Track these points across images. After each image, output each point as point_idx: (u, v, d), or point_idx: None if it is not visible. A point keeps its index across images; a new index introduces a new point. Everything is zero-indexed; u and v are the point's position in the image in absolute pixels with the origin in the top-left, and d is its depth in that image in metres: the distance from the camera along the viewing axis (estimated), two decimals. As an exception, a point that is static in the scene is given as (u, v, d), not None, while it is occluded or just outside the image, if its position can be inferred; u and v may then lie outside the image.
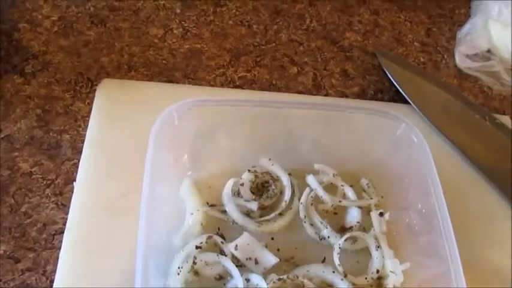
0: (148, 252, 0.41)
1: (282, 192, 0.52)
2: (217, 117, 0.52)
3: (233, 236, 0.48)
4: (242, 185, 0.51)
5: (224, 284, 0.46)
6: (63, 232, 0.48)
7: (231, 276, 0.46)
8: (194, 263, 0.46)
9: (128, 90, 0.57)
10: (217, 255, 0.47)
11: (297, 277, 0.46)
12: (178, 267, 0.46)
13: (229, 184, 0.51)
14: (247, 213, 0.51)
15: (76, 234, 0.47)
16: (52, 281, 0.46)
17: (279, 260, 0.47)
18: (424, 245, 0.49)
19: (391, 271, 0.47)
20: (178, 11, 0.68)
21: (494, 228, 0.55)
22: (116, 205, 0.49)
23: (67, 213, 0.49)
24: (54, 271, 0.46)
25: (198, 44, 0.65)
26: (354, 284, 0.47)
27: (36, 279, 0.46)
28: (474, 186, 0.58)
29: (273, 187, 0.52)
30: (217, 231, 0.49)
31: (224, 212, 0.51)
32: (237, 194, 0.51)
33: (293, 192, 0.52)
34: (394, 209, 0.52)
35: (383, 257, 0.48)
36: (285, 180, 0.52)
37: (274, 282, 0.45)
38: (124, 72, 0.61)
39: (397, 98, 0.64)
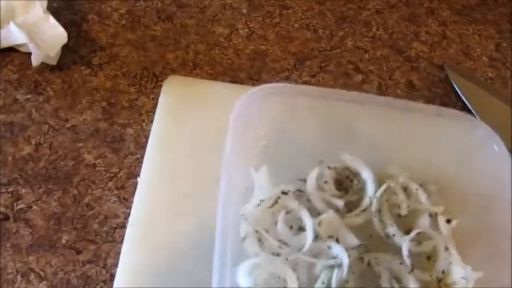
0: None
1: (364, 188, 0.49)
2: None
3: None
4: (326, 182, 0.49)
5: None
6: (124, 226, 0.48)
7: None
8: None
9: (194, 88, 0.57)
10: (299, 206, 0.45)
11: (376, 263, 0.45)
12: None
13: (314, 175, 0.48)
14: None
15: (138, 230, 0.47)
16: (112, 275, 0.46)
17: (360, 243, 0.45)
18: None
19: (462, 277, 0.45)
20: (244, 11, 0.68)
21: None
22: (178, 204, 0.49)
23: (128, 208, 0.49)
24: (114, 265, 0.46)
25: (263, 45, 0.65)
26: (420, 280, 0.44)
27: (96, 272, 0.46)
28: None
29: (356, 182, 0.49)
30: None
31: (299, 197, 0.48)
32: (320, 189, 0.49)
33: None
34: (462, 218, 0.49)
35: (450, 262, 0.46)
36: (366, 174, 0.49)
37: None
38: (189, 69, 0.61)
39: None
